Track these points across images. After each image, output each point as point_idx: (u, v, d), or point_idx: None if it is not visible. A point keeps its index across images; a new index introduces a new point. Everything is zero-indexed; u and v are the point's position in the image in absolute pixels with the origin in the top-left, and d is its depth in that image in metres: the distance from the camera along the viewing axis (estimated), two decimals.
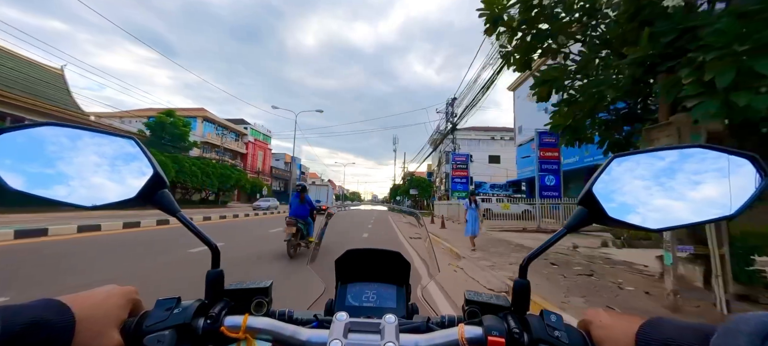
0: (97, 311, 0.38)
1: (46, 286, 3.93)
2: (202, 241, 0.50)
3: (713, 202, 0.42)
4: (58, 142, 0.43)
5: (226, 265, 0.46)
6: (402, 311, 0.68)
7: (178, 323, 0.42)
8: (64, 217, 11.83)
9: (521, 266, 0.48)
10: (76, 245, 6.91)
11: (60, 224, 8.97)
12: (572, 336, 0.42)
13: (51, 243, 6.94)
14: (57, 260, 5.36)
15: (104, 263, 5.47)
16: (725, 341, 0.25)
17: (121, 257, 5.99)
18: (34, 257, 5.48)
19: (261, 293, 0.52)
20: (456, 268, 6.02)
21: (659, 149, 0.45)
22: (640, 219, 0.44)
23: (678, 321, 0.34)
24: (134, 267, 5.18)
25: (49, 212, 13.81)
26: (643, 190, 0.45)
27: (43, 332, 0.31)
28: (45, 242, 6.99)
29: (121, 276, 4.61)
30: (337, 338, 0.41)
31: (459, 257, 7.28)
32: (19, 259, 5.32)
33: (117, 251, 6.47)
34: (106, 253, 6.26)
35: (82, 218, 10.73)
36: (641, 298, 4.08)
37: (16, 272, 4.50)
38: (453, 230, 13.65)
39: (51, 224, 8.59)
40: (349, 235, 1.49)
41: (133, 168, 0.46)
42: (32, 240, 7.11)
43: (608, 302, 3.85)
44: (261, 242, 8.32)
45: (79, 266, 5.12)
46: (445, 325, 0.54)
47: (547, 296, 4.01)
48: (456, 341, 0.42)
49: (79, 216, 11.83)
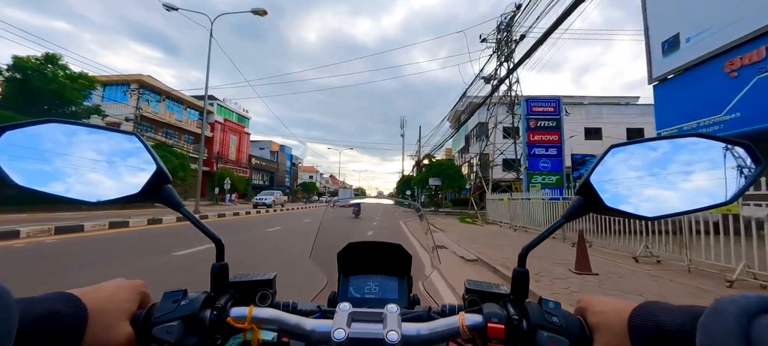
0: (108, 303, 0.39)
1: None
2: (207, 235, 0.50)
3: (708, 190, 0.42)
4: (61, 138, 0.44)
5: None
6: (404, 302, 0.69)
7: (186, 314, 0.42)
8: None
9: (520, 255, 0.49)
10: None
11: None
12: (569, 322, 0.43)
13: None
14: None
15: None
16: (713, 320, 0.26)
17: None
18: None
19: (265, 285, 0.53)
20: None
21: (655, 139, 0.46)
22: (634, 208, 0.45)
23: (669, 304, 0.35)
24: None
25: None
26: (638, 179, 0.45)
27: (58, 323, 0.33)
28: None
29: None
30: (340, 328, 0.41)
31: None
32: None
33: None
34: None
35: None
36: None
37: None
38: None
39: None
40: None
41: (136, 164, 0.46)
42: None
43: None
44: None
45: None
46: (446, 313, 0.55)
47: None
48: (457, 329, 0.43)
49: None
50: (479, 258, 6.23)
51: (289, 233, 10.07)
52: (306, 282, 3.75)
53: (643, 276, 4.84)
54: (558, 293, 3.98)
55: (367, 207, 1.25)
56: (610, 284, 4.45)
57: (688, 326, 0.30)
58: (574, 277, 4.77)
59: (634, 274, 5.07)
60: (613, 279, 4.69)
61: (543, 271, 4.99)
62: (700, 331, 0.26)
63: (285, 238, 8.99)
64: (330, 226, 0.89)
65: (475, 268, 5.81)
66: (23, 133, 0.41)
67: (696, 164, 0.43)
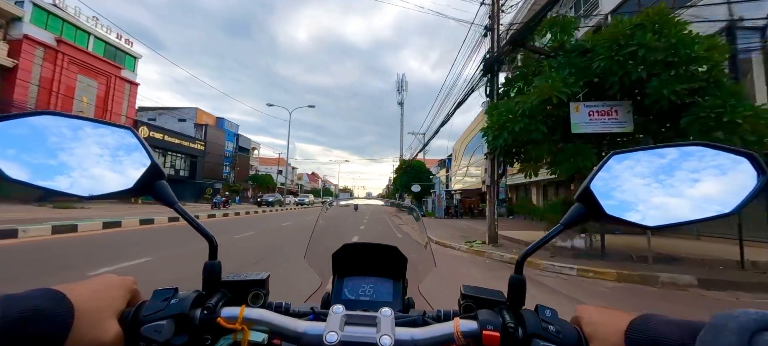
0: (95, 300, 0.38)
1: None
2: (200, 233, 0.50)
3: (712, 199, 0.42)
4: (53, 131, 0.43)
5: None
6: (398, 306, 0.68)
7: (176, 313, 0.42)
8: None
9: (517, 262, 0.49)
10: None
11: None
12: (566, 331, 0.42)
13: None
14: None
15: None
16: (713, 337, 0.25)
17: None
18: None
19: (258, 285, 0.53)
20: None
21: (659, 147, 0.45)
22: (637, 216, 0.44)
23: (667, 317, 0.35)
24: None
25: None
26: (641, 187, 0.45)
27: (42, 320, 0.32)
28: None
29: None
30: (333, 330, 0.41)
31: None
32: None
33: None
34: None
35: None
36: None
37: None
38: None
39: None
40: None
41: (131, 158, 0.46)
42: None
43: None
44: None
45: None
46: (441, 319, 0.55)
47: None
48: (451, 335, 0.43)
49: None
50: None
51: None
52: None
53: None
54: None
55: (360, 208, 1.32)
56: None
57: (687, 341, 0.30)
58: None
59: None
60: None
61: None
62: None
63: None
64: (325, 226, 0.89)
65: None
66: (15, 125, 0.40)
67: (700, 173, 0.42)
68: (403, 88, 37.09)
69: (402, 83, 37.56)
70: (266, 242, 8.17)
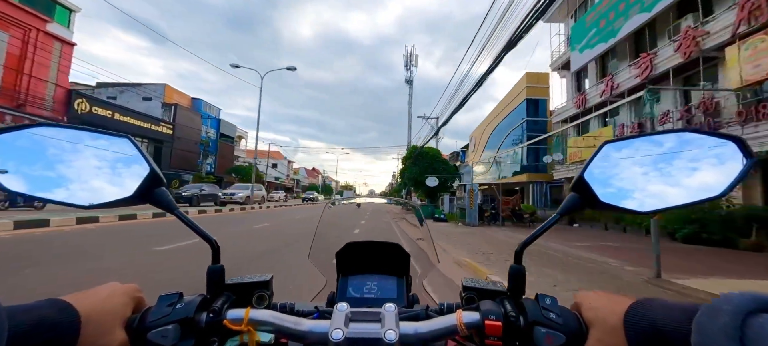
0: (101, 309, 0.38)
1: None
2: (202, 237, 0.50)
3: (700, 183, 0.43)
4: (52, 142, 0.43)
5: None
6: (402, 302, 0.69)
7: (181, 317, 0.42)
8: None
9: (516, 252, 0.50)
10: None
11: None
12: (566, 317, 0.43)
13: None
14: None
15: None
16: (708, 318, 0.26)
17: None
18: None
19: (262, 286, 0.53)
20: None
21: (649, 134, 0.46)
22: (630, 203, 0.45)
23: (664, 301, 0.35)
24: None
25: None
26: (633, 174, 0.46)
27: (50, 331, 0.32)
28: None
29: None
30: (338, 328, 0.41)
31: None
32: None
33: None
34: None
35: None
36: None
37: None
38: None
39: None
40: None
41: (130, 167, 0.46)
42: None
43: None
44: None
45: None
46: (444, 312, 0.55)
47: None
48: (454, 327, 0.43)
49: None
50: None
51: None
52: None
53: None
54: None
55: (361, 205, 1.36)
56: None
57: (683, 323, 0.30)
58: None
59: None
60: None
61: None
62: (696, 329, 0.27)
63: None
64: (328, 225, 0.89)
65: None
66: (12, 137, 0.41)
67: (690, 159, 0.43)
68: (413, 63, 31.25)
69: (411, 58, 31.73)
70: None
